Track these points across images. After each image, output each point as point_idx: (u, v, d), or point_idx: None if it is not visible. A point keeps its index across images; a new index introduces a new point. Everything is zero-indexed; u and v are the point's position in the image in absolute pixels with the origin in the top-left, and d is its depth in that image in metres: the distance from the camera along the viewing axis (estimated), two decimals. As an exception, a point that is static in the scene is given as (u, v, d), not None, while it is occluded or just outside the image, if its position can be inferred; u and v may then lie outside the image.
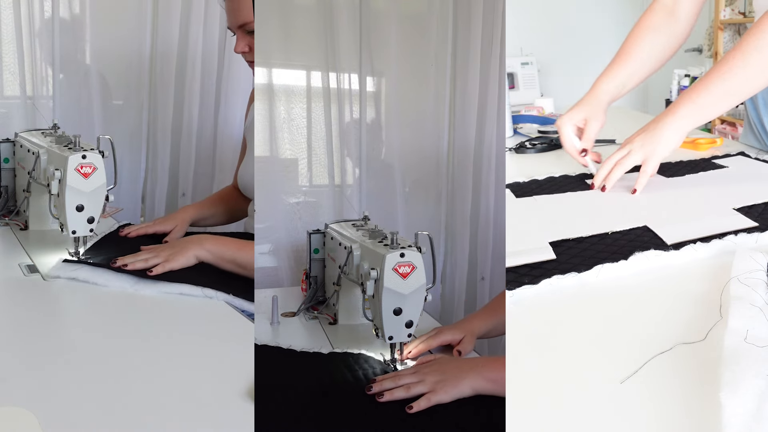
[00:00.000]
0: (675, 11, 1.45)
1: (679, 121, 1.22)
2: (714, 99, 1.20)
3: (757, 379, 0.57)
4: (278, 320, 1.28)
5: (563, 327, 0.77)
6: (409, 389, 0.91)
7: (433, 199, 2.08)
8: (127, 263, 1.18)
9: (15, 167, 1.44)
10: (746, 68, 1.16)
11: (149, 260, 1.20)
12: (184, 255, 1.22)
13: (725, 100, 1.21)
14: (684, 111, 1.22)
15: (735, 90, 1.19)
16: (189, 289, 1.13)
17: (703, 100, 1.20)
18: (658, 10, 1.46)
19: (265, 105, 1.87)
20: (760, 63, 1.15)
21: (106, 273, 1.15)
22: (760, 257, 0.83)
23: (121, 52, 2.05)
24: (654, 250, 0.92)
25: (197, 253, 1.23)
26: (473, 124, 2.05)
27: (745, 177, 1.33)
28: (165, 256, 1.21)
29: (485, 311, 1.23)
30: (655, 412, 0.60)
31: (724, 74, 1.18)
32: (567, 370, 0.68)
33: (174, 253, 1.22)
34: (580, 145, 1.39)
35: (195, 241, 1.26)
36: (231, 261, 1.25)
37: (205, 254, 1.24)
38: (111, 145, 1.27)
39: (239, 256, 1.25)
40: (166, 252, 1.23)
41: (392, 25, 2.00)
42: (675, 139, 1.23)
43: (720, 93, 1.19)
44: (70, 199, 1.20)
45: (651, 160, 1.24)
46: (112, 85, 2.09)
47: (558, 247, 0.97)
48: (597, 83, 1.43)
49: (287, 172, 1.97)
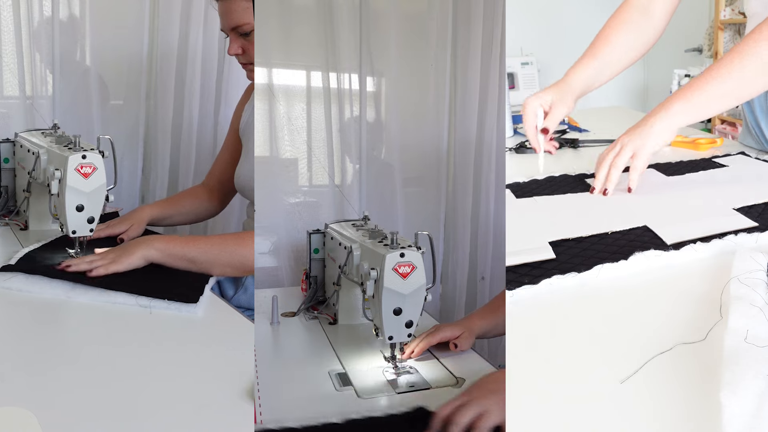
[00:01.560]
0: (649, 8, 1.44)
1: (671, 118, 1.21)
2: (708, 99, 1.19)
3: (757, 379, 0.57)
4: (278, 320, 1.28)
5: (563, 327, 0.77)
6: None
7: (433, 198, 2.08)
8: (71, 265, 1.15)
9: (15, 167, 1.44)
10: (743, 71, 1.15)
11: (93, 262, 1.17)
12: (130, 256, 1.18)
13: (719, 101, 1.20)
14: (677, 108, 1.21)
15: (730, 92, 1.18)
16: (124, 298, 1.08)
17: (697, 99, 1.19)
18: (632, 5, 1.46)
19: (265, 105, 1.87)
20: (757, 67, 1.14)
21: (41, 281, 1.10)
22: (760, 257, 0.83)
23: (121, 52, 2.05)
24: (654, 250, 0.92)
25: (145, 254, 1.20)
26: (473, 124, 2.05)
27: (745, 177, 1.33)
28: (110, 258, 1.18)
29: (485, 310, 1.23)
30: (655, 412, 0.60)
31: (721, 75, 1.17)
32: (567, 370, 0.68)
33: (119, 255, 1.18)
34: (541, 123, 1.39)
35: (144, 241, 1.22)
36: (182, 258, 1.21)
37: (155, 254, 1.20)
38: (111, 145, 1.27)
39: (189, 251, 1.22)
40: (113, 254, 1.19)
41: (392, 25, 2.00)
42: (665, 136, 1.23)
43: (714, 94, 1.18)
44: (70, 199, 1.20)
45: (640, 156, 1.23)
46: (112, 85, 2.09)
47: (558, 247, 0.97)
48: (568, 74, 1.43)
49: (287, 172, 1.97)
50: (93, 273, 1.14)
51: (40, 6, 1.93)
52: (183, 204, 1.59)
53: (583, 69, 1.42)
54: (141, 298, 1.07)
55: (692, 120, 1.23)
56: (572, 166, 1.44)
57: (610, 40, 1.44)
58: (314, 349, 1.17)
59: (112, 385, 0.83)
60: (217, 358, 0.94)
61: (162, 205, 1.56)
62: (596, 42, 1.45)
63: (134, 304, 1.07)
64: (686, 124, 1.23)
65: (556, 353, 0.71)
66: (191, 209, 1.60)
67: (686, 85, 1.22)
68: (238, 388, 0.83)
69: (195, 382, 0.86)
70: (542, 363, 0.69)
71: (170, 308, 1.07)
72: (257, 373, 0.98)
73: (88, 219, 1.22)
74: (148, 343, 0.98)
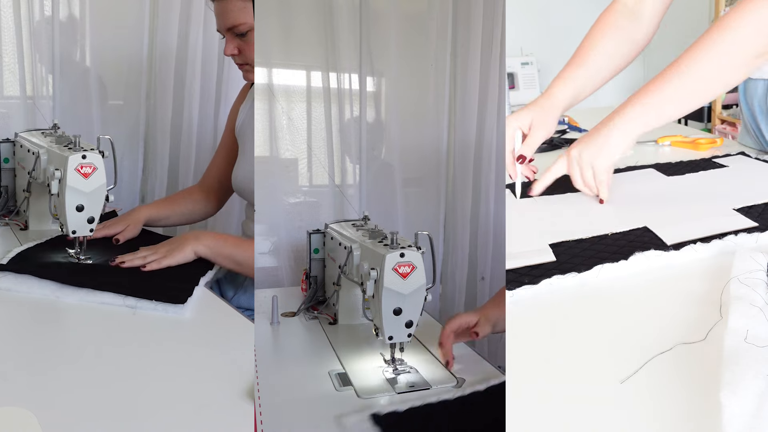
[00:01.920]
0: (637, 11, 1.36)
1: (628, 125, 1.12)
2: (665, 101, 1.10)
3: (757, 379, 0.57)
4: (278, 320, 1.28)
5: (563, 327, 0.77)
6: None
7: (432, 198, 2.08)
8: (125, 260, 1.20)
9: (15, 167, 1.44)
10: (700, 68, 1.06)
11: (147, 257, 1.22)
12: (182, 251, 1.23)
13: (678, 102, 1.10)
14: (633, 114, 1.11)
15: (689, 90, 1.09)
16: (111, 298, 1.07)
17: (651, 103, 1.10)
18: (618, 9, 1.37)
19: (265, 105, 1.87)
20: (717, 61, 1.06)
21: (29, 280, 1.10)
22: (760, 257, 0.83)
23: (121, 53, 2.05)
24: (654, 250, 0.92)
25: (195, 249, 1.25)
26: (473, 124, 2.05)
27: (745, 177, 1.33)
28: (163, 252, 1.23)
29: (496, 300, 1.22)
30: (655, 412, 0.60)
31: (679, 73, 1.08)
32: (567, 370, 0.68)
33: (171, 250, 1.23)
34: (518, 150, 1.26)
35: (192, 237, 1.27)
36: (228, 257, 1.27)
37: (203, 249, 1.25)
38: (111, 145, 1.27)
39: (237, 253, 1.27)
40: (164, 249, 1.24)
41: (392, 25, 2.00)
42: (624, 145, 1.14)
43: (672, 94, 1.09)
44: (70, 199, 1.20)
45: (601, 171, 1.15)
46: (112, 86, 2.09)
47: (558, 248, 0.97)
48: (551, 87, 1.31)
49: (287, 172, 1.97)
50: (147, 268, 1.19)
51: (41, 6, 1.93)
52: (179, 204, 1.59)
53: (569, 80, 1.32)
54: (128, 298, 1.07)
55: (652, 125, 1.14)
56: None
57: (597, 48, 1.34)
58: (314, 349, 1.17)
59: (112, 385, 0.83)
60: (217, 358, 0.94)
61: (159, 205, 1.56)
62: (581, 50, 1.35)
63: (121, 305, 1.06)
64: (645, 130, 1.14)
65: (556, 353, 0.71)
66: (187, 210, 1.60)
67: (642, 88, 1.13)
68: (238, 388, 0.83)
69: (195, 382, 0.86)
70: (542, 363, 0.69)
71: (157, 309, 1.06)
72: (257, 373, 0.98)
73: (88, 219, 1.22)
74: (148, 343, 0.98)
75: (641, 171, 1.39)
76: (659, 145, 1.66)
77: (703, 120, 4.18)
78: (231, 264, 1.28)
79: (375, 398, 0.96)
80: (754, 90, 1.46)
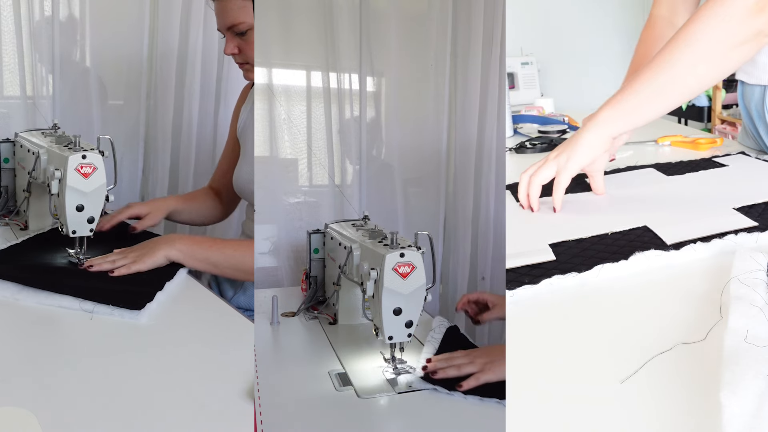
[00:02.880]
0: (674, 21, 1.38)
1: (599, 128, 1.11)
2: (637, 103, 1.08)
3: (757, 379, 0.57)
4: (278, 320, 1.28)
5: (563, 327, 0.77)
6: (460, 369, 0.99)
7: (433, 199, 2.08)
8: (94, 264, 1.18)
9: (15, 167, 1.44)
10: (674, 66, 1.04)
11: (116, 262, 1.19)
12: (153, 256, 1.20)
13: (650, 104, 1.08)
14: (605, 116, 1.10)
15: (662, 90, 1.06)
16: (69, 302, 1.04)
17: (626, 103, 1.08)
18: (657, 22, 1.39)
19: (265, 105, 1.88)
20: (690, 59, 1.03)
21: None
22: (760, 257, 0.83)
23: (121, 52, 2.05)
24: (654, 250, 0.92)
25: (168, 253, 1.21)
26: (473, 124, 2.05)
27: (745, 177, 1.33)
28: (133, 257, 1.20)
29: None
30: (655, 412, 0.60)
31: (652, 73, 1.06)
32: (567, 370, 0.68)
33: (142, 255, 1.20)
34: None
35: (166, 240, 1.24)
36: (203, 260, 1.24)
37: (176, 254, 1.22)
38: (111, 145, 1.27)
39: (211, 254, 1.24)
40: (135, 253, 1.22)
41: (392, 25, 2.00)
42: (594, 148, 1.12)
43: (646, 94, 1.07)
44: (70, 199, 1.20)
45: (563, 171, 1.12)
46: (112, 85, 2.09)
47: (558, 248, 0.97)
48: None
49: (287, 172, 1.97)
50: (115, 273, 1.16)
51: (41, 6, 1.93)
52: (198, 203, 1.60)
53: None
54: (85, 302, 1.04)
55: (624, 128, 1.12)
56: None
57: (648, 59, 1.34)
58: (314, 349, 1.17)
59: (112, 385, 0.83)
60: (217, 358, 0.94)
61: (182, 200, 1.57)
62: (632, 70, 1.28)
63: (78, 309, 1.04)
64: (618, 132, 1.12)
65: (556, 353, 0.71)
66: (202, 210, 1.61)
67: (617, 91, 1.12)
68: (238, 388, 0.83)
69: (195, 382, 0.86)
70: (542, 363, 0.69)
71: (114, 314, 1.03)
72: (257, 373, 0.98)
73: (88, 219, 1.22)
74: (147, 343, 0.98)
75: (641, 171, 1.39)
76: (659, 145, 1.66)
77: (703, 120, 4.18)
78: (207, 266, 1.25)
79: (375, 398, 0.96)
80: (751, 95, 1.46)
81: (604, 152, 1.15)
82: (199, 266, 1.24)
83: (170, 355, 0.94)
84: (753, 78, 1.42)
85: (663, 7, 1.44)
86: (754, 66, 1.40)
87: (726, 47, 1.02)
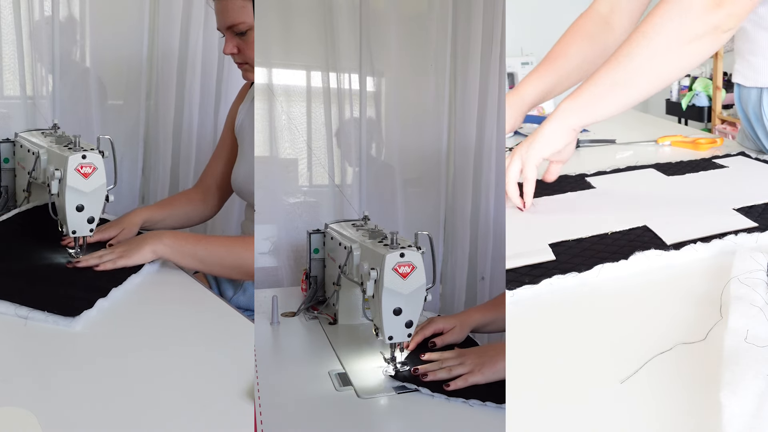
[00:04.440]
0: (610, 20, 1.36)
1: (560, 121, 1.12)
2: (598, 93, 1.08)
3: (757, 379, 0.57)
4: (278, 320, 1.28)
5: (563, 327, 0.77)
6: (450, 371, 0.99)
7: (432, 199, 2.08)
8: (81, 261, 1.19)
9: (15, 167, 1.44)
10: (632, 59, 1.04)
11: (103, 257, 1.19)
12: (140, 251, 1.20)
13: (611, 95, 1.08)
14: (565, 108, 1.11)
15: (621, 83, 1.06)
16: (4, 307, 1.01)
17: (586, 95, 1.09)
18: (593, 17, 1.38)
19: (265, 105, 1.87)
20: (647, 52, 1.03)
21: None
22: (760, 257, 0.83)
23: (121, 52, 2.05)
24: (654, 250, 0.92)
25: (154, 248, 1.21)
26: (473, 124, 2.05)
27: (745, 177, 1.33)
28: (119, 252, 1.20)
29: (486, 306, 1.27)
30: (655, 412, 0.60)
31: (610, 66, 1.06)
32: (567, 370, 0.68)
33: (128, 250, 1.20)
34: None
35: (153, 236, 1.24)
36: (190, 255, 1.23)
37: (163, 249, 1.21)
38: (111, 145, 1.27)
39: (198, 250, 1.24)
40: (121, 248, 1.21)
41: (392, 25, 2.00)
42: (554, 140, 1.13)
43: (605, 87, 1.07)
44: (70, 199, 1.20)
45: (527, 164, 1.14)
46: (112, 86, 2.09)
47: (558, 247, 0.97)
48: (521, 85, 1.36)
49: (287, 172, 1.97)
50: (100, 267, 1.16)
51: (40, 6, 1.93)
52: (176, 207, 1.56)
53: (539, 81, 1.35)
54: (21, 308, 1.01)
55: (586, 121, 1.13)
56: (572, 167, 1.44)
57: (569, 54, 1.35)
58: (314, 349, 1.17)
59: (112, 386, 0.83)
60: (217, 358, 0.94)
61: (155, 208, 1.53)
62: (553, 54, 1.37)
63: (13, 315, 1.00)
64: (579, 125, 1.13)
65: (556, 353, 0.71)
66: (184, 212, 1.57)
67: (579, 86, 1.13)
68: (238, 388, 0.83)
69: (195, 382, 0.86)
70: (542, 363, 0.69)
71: (48, 321, 0.99)
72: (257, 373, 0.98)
73: (88, 219, 1.22)
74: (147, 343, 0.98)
75: (641, 171, 1.39)
76: (659, 145, 1.66)
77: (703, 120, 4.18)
78: (194, 262, 1.24)
79: (375, 398, 0.96)
80: (748, 97, 1.46)
81: (566, 144, 1.15)
82: (186, 262, 1.23)
83: (170, 355, 0.94)
84: (749, 80, 1.43)
85: (604, 3, 1.40)
86: (751, 68, 1.40)
87: (682, 41, 1.02)
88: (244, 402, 0.81)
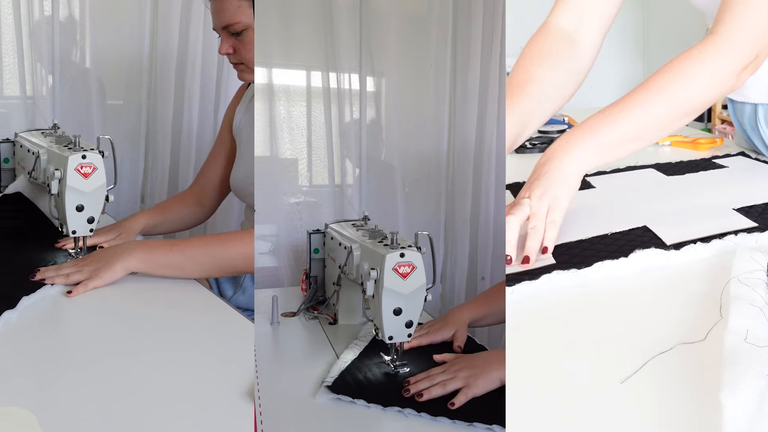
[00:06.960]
0: (576, 36, 1.21)
1: (578, 165, 1.02)
2: (617, 140, 1.02)
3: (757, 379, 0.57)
4: (278, 320, 1.28)
5: (563, 326, 0.77)
6: (445, 386, 0.95)
7: (433, 199, 2.08)
8: (46, 277, 1.10)
9: (15, 167, 1.44)
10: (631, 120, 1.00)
11: (71, 276, 1.11)
12: (110, 269, 1.12)
13: (629, 143, 1.03)
14: (581, 152, 1.01)
15: (640, 134, 1.02)
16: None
17: (606, 139, 1.01)
18: (555, 34, 1.21)
19: (265, 105, 1.88)
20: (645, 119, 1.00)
21: None
22: (760, 257, 0.83)
23: (121, 52, 2.05)
24: (654, 249, 0.92)
25: (126, 265, 1.13)
26: (473, 124, 2.05)
27: (745, 177, 1.33)
28: (89, 272, 1.12)
29: (476, 300, 1.26)
30: (655, 412, 0.60)
31: (629, 111, 1.00)
32: (567, 370, 0.68)
33: (98, 269, 1.12)
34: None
35: (124, 250, 1.16)
36: (164, 265, 1.17)
37: (136, 264, 1.14)
38: (111, 145, 1.27)
39: (172, 258, 1.17)
40: (90, 267, 1.13)
41: (392, 25, 2.00)
42: (575, 181, 1.03)
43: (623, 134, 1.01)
44: (70, 199, 1.20)
45: (556, 209, 0.99)
46: (112, 86, 2.09)
47: (558, 248, 0.97)
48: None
49: (287, 172, 1.97)
50: (73, 293, 1.08)
51: (40, 6, 1.93)
52: (171, 211, 1.53)
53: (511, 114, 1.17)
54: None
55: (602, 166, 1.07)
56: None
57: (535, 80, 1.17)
58: (314, 349, 1.17)
59: (112, 385, 0.83)
60: (217, 358, 0.94)
61: (152, 213, 1.50)
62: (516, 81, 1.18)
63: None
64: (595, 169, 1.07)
65: (556, 352, 0.71)
66: (179, 216, 1.54)
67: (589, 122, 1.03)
68: (238, 388, 0.83)
69: (195, 382, 0.86)
70: (542, 363, 0.69)
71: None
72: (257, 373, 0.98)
73: (88, 219, 1.22)
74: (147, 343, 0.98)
75: (641, 171, 1.39)
76: (659, 145, 1.66)
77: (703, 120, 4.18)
78: (170, 271, 1.17)
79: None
80: (742, 111, 1.47)
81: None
82: (161, 272, 1.17)
83: (170, 354, 0.94)
84: (740, 96, 1.43)
85: (565, 16, 1.23)
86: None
87: (678, 115, 1.02)
88: (244, 402, 0.81)
